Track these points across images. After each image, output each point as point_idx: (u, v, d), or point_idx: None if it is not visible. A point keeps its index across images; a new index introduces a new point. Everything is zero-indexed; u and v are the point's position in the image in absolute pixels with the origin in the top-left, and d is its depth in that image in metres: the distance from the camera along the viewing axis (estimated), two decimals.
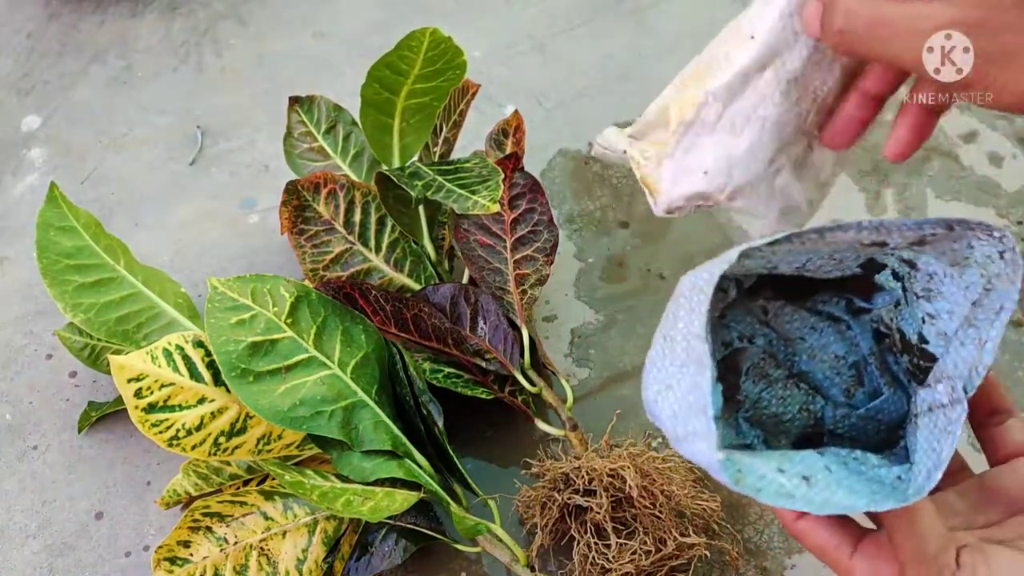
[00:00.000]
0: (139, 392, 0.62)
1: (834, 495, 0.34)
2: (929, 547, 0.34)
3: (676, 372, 0.36)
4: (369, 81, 0.73)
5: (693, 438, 0.34)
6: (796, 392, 0.45)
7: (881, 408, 0.43)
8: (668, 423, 0.36)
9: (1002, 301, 0.37)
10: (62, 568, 0.70)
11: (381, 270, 0.76)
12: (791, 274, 0.43)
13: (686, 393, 0.35)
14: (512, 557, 0.65)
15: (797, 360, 0.45)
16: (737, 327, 0.45)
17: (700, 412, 0.34)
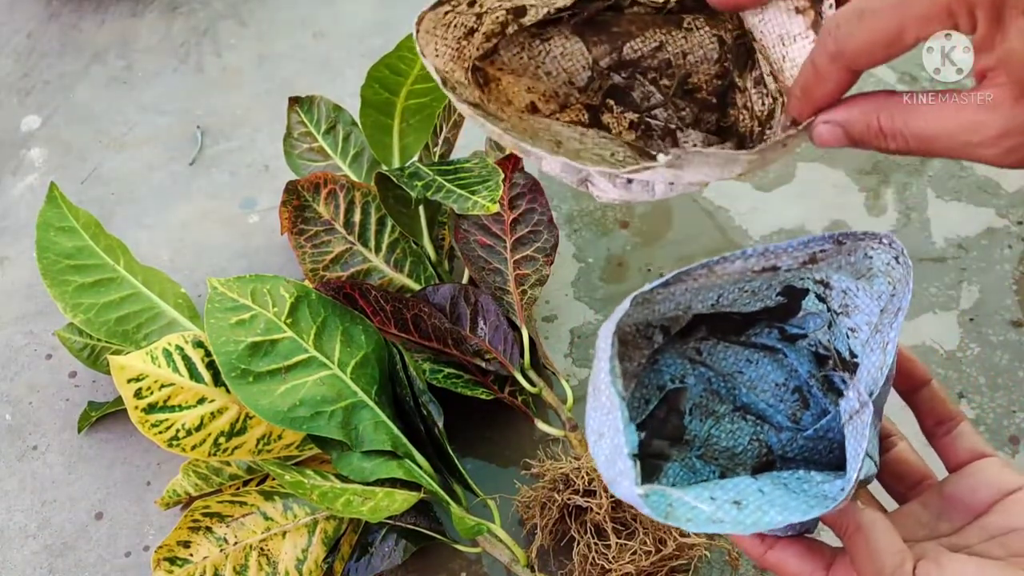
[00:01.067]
0: (139, 392, 0.62)
1: (765, 515, 0.35)
2: (885, 564, 0.35)
3: (603, 419, 0.37)
4: (369, 81, 0.73)
5: (620, 478, 0.35)
6: (744, 424, 0.46)
7: (829, 427, 0.44)
8: (603, 468, 0.37)
9: (900, 303, 0.38)
10: (62, 568, 0.70)
11: (381, 270, 0.76)
12: (708, 312, 0.44)
13: (612, 437, 0.36)
14: (512, 557, 0.65)
15: (738, 393, 0.46)
16: (668, 370, 0.46)
17: (619, 453, 0.35)
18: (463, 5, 0.41)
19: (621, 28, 0.44)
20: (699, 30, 0.44)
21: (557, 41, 0.44)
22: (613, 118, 0.45)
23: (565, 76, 0.45)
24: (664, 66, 0.44)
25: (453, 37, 0.42)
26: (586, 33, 0.44)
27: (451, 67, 0.43)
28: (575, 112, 0.45)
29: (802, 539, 0.39)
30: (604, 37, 0.44)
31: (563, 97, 0.45)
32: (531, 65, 0.45)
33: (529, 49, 0.44)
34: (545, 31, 0.44)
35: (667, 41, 0.44)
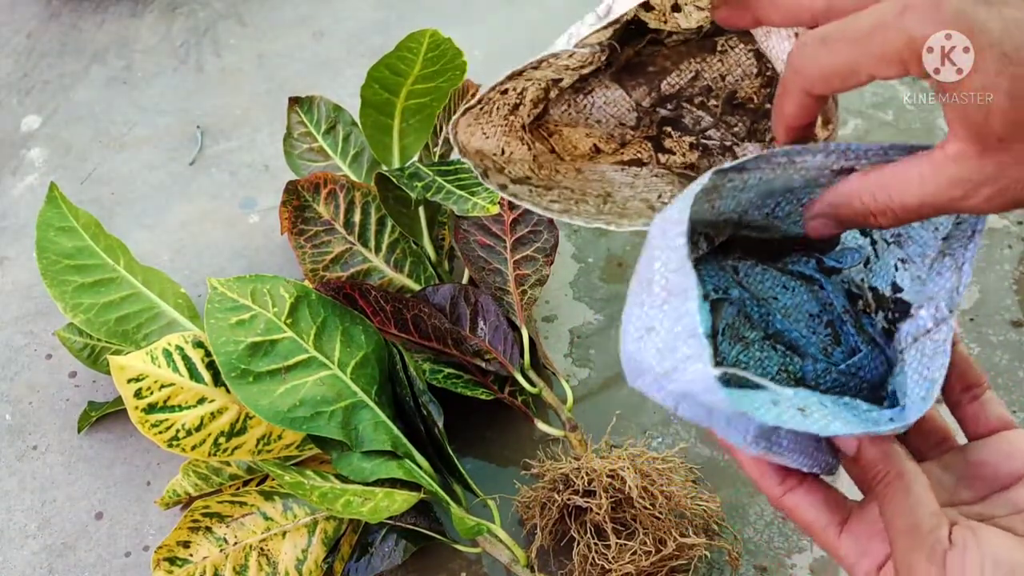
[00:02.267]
0: (139, 392, 0.62)
1: (831, 424, 0.33)
2: (923, 523, 0.33)
3: (657, 312, 0.35)
4: (369, 82, 0.73)
5: (684, 363, 0.33)
6: (773, 354, 0.44)
7: (861, 365, 0.43)
8: (653, 362, 0.35)
9: (974, 225, 0.36)
10: (62, 568, 0.70)
11: (381, 270, 0.76)
12: (761, 223, 0.43)
13: (672, 326, 0.34)
14: (512, 557, 0.65)
15: (772, 319, 0.44)
16: (711, 280, 0.45)
17: (689, 336, 0.33)
18: (495, 94, 0.43)
19: (656, 66, 0.45)
20: (733, 50, 0.44)
21: (598, 92, 0.46)
22: (675, 143, 0.47)
23: (614, 120, 0.47)
24: (706, 91, 0.46)
25: (499, 116, 0.44)
26: (623, 79, 0.46)
27: (505, 140, 0.45)
28: (636, 146, 0.48)
29: (820, 485, 0.37)
30: (641, 79, 0.46)
31: (619, 137, 0.47)
32: (580, 117, 0.46)
33: (574, 104, 0.46)
34: (586, 84, 0.46)
35: (703, 69, 0.45)
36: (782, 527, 0.69)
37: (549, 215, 0.44)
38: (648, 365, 0.35)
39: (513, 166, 0.45)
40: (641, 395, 0.80)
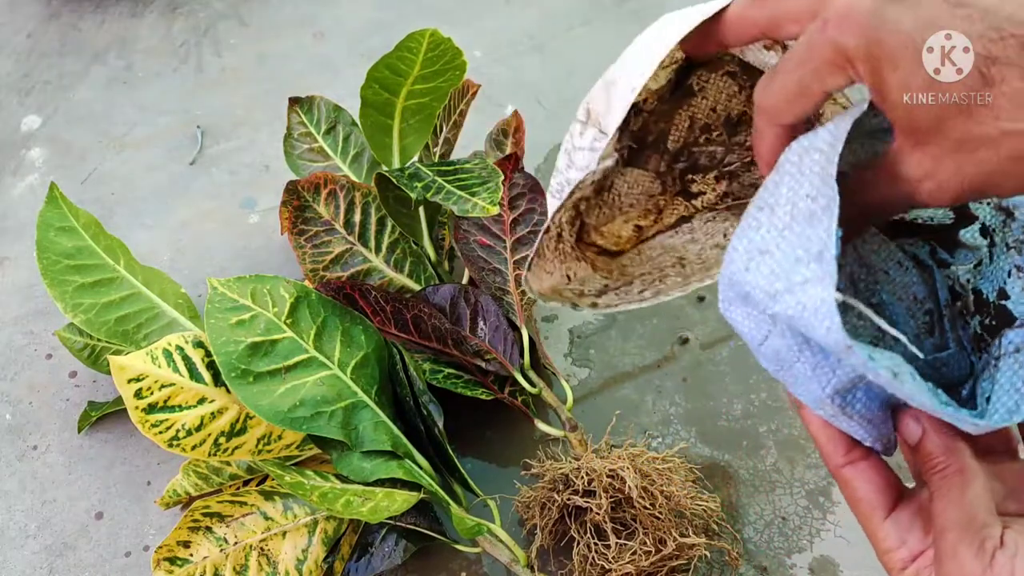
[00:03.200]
0: (139, 392, 0.62)
1: (919, 394, 0.33)
2: (976, 519, 0.32)
3: (775, 236, 0.34)
4: (368, 82, 0.73)
5: (801, 286, 0.32)
6: (869, 324, 0.43)
7: (947, 362, 0.42)
8: (763, 283, 0.34)
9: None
10: (62, 568, 0.70)
11: (381, 271, 0.76)
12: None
13: (791, 250, 0.33)
14: (512, 557, 0.65)
15: (878, 290, 0.43)
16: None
17: (812, 260, 0.32)
18: (551, 239, 0.45)
19: (653, 133, 0.46)
20: (708, 83, 0.45)
21: (618, 182, 0.47)
22: (701, 184, 0.48)
23: (643, 197, 0.48)
24: (706, 129, 0.47)
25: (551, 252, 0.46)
26: (633, 160, 0.47)
27: (566, 267, 0.47)
28: (672, 207, 0.48)
29: (883, 466, 0.37)
30: (647, 152, 0.47)
31: (654, 207, 0.48)
32: (613, 211, 0.48)
33: (603, 204, 0.48)
34: (604, 181, 0.47)
35: (694, 113, 0.46)
36: (782, 527, 0.70)
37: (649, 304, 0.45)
38: (755, 286, 0.34)
39: (587, 284, 0.46)
40: (641, 395, 0.80)
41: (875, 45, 0.30)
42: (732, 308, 0.37)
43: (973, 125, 0.29)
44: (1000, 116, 0.29)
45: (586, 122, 0.43)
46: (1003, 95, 0.29)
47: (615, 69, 0.41)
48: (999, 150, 0.29)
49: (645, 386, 0.78)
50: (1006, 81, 0.28)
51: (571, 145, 0.43)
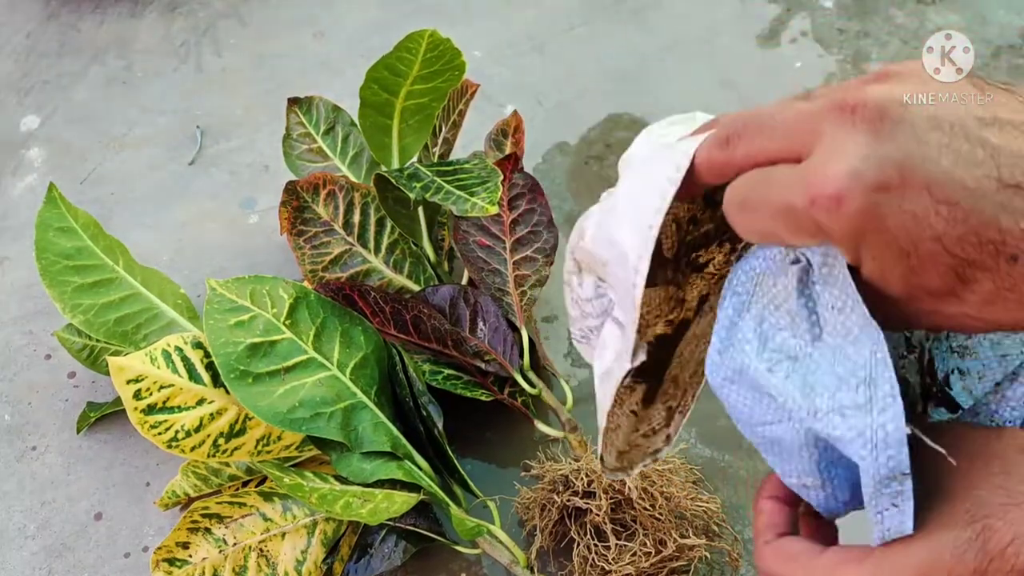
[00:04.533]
0: (138, 393, 0.62)
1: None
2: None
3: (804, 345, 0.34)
4: (368, 82, 0.73)
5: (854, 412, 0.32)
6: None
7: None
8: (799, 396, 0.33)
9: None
10: (61, 569, 0.70)
11: (380, 271, 0.76)
12: None
13: (830, 364, 0.33)
14: (512, 559, 0.65)
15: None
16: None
17: (862, 383, 0.32)
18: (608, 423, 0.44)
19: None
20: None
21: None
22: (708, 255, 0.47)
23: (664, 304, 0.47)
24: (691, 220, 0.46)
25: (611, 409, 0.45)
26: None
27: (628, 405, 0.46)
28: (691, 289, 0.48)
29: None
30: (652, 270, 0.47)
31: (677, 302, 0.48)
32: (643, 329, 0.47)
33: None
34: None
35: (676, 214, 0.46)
36: None
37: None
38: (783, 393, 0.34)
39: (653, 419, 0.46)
40: None
41: (859, 236, 0.29)
42: (731, 387, 0.36)
43: (940, 305, 0.30)
44: (968, 306, 0.30)
45: (579, 271, 0.42)
46: (974, 292, 0.29)
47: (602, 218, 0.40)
48: (957, 322, 0.31)
49: None
50: (979, 282, 0.29)
51: (575, 296, 0.43)
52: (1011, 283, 0.29)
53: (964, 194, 0.28)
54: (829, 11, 1.07)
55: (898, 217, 0.29)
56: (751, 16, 1.08)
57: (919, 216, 0.28)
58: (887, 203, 0.29)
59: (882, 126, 0.29)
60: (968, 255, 0.29)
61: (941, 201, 0.28)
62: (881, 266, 0.30)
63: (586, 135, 0.98)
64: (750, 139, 0.32)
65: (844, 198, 0.29)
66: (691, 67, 1.03)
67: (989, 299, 0.29)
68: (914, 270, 0.29)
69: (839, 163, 0.29)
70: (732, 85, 1.01)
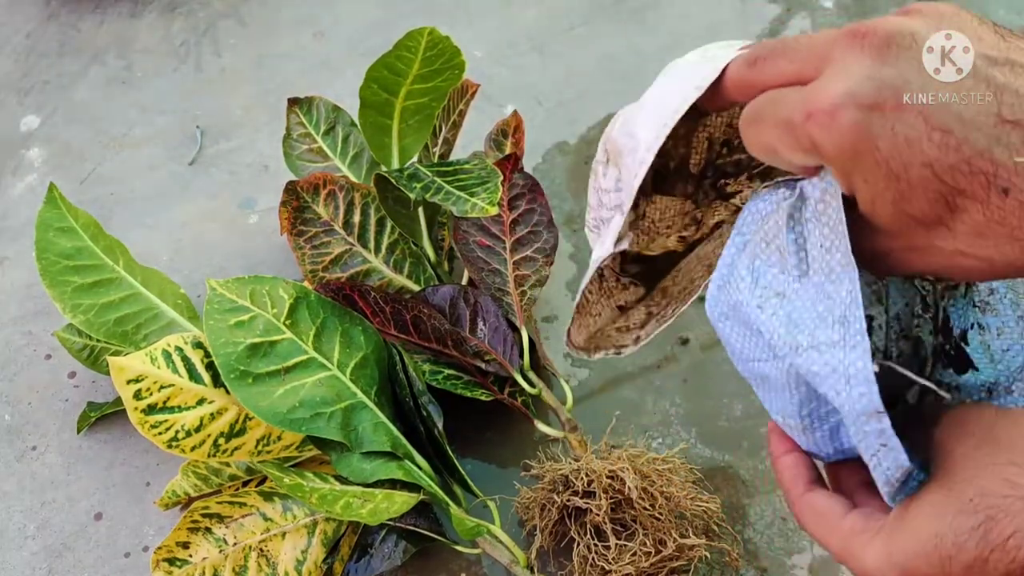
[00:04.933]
0: (138, 393, 0.62)
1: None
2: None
3: (791, 281, 0.35)
4: (367, 82, 0.73)
5: (830, 348, 0.33)
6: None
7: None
8: (783, 331, 0.34)
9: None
10: (61, 569, 0.70)
11: (380, 271, 0.76)
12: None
13: (812, 302, 0.34)
14: (512, 558, 0.65)
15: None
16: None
17: (838, 321, 0.33)
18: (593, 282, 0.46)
19: (675, 159, 0.46)
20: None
21: (650, 210, 0.47)
22: (736, 186, 0.48)
23: (679, 217, 0.48)
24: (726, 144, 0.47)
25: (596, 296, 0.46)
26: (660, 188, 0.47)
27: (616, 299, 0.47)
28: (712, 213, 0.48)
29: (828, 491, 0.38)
30: (672, 179, 0.47)
31: (692, 221, 0.48)
32: (652, 235, 0.48)
33: (640, 231, 0.48)
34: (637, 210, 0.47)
35: (711, 132, 0.47)
36: (782, 528, 0.69)
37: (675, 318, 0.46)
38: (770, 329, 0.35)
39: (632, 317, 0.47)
40: (641, 396, 0.80)
41: (850, 156, 0.30)
42: (726, 323, 0.37)
43: (932, 238, 0.31)
44: (957, 240, 0.30)
45: (607, 162, 0.43)
46: (963, 223, 0.30)
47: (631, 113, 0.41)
48: (950, 260, 0.31)
49: (645, 387, 0.78)
50: (968, 212, 0.29)
51: (597, 185, 0.43)
52: (1001, 215, 0.29)
53: (959, 124, 0.29)
54: (829, 11, 1.07)
55: (890, 138, 0.29)
56: (751, 16, 1.08)
57: (911, 140, 0.29)
58: (880, 123, 0.29)
59: (888, 52, 0.30)
60: (958, 184, 0.29)
61: (935, 128, 0.29)
62: (872, 190, 0.30)
63: (586, 135, 0.98)
64: (774, 60, 0.34)
65: (837, 113, 0.30)
66: None
67: (979, 231, 0.30)
68: (904, 195, 0.30)
69: (839, 82, 0.30)
70: None
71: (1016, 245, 0.29)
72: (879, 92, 0.29)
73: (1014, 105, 0.29)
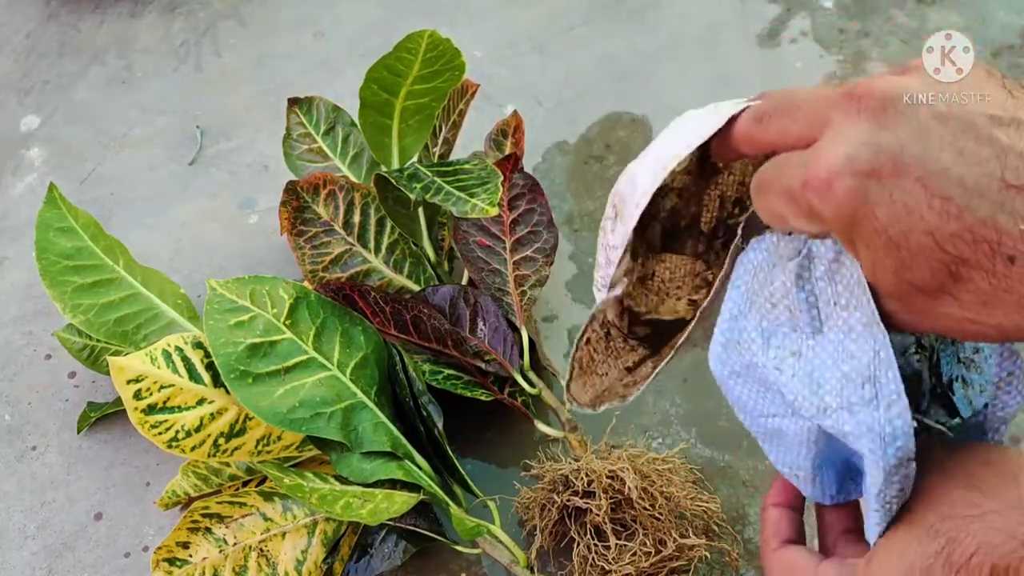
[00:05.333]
0: (138, 393, 0.62)
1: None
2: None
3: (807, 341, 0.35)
4: (367, 82, 0.73)
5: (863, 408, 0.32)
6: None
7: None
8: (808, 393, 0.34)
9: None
10: (61, 569, 0.70)
11: (380, 271, 0.76)
12: None
13: (836, 361, 0.33)
14: (512, 559, 0.65)
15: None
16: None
17: (867, 381, 0.32)
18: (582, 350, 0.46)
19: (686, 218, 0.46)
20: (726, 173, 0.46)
21: (659, 269, 0.47)
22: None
23: (689, 277, 0.48)
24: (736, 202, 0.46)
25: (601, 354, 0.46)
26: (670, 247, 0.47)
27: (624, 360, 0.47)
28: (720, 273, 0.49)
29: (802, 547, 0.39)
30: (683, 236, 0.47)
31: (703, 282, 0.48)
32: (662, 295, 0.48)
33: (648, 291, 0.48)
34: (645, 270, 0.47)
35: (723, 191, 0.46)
36: None
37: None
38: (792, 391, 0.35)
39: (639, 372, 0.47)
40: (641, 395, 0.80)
41: (849, 223, 0.30)
42: (737, 380, 0.37)
43: (937, 306, 0.30)
44: (964, 308, 0.29)
45: (614, 218, 0.43)
46: (969, 292, 0.29)
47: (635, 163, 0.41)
48: (959, 325, 0.30)
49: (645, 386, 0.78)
50: (973, 281, 0.29)
51: (605, 242, 0.43)
52: (1008, 284, 0.28)
53: (960, 191, 0.28)
54: (829, 11, 1.07)
55: (888, 206, 0.29)
56: (751, 16, 1.08)
57: (910, 207, 0.28)
58: (877, 190, 0.29)
59: (884, 116, 0.29)
60: (961, 252, 0.28)
61: (935, 195, 0.28)
62: (872, 257, 0.30)
63: (586, 135, 0.98)
64: (779, 119, 0.33)
65: (833, 182, 0.29)
66: (691, 67, 1.03)
67: (986, 300, 0.29)
68: (905, 263, 0.29)
69: (836, 149, 0.29)
70: (732, 85, 1.01)
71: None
72: (876, 158, 0.29)
73: (1019, 168, 0.28)
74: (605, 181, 0.93)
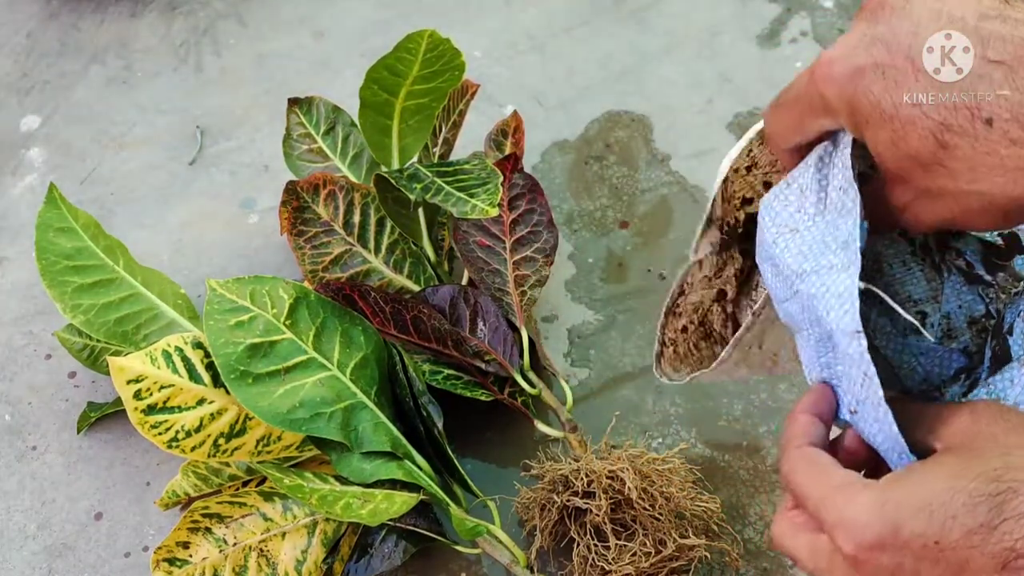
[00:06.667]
0: (138, 393, 0.62)
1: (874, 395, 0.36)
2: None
3: (806, 219, 0.38)
4: (367, 83, 0.73)
5: (828, 271, 0.35)
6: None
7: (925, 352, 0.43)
8: (792, 261, 0.37)
9: None
10: (61, 569, 0.70)
11: (380, 271, 0.76)
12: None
13: (821, 235, 0.37)
14: (512, 559, 0.65)
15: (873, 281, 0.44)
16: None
17: (840, 247, 0.35)
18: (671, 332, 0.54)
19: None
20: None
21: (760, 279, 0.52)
22: None
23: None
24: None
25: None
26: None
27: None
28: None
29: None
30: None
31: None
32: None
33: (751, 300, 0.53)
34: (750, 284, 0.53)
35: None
36: None
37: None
38: (782, 260, 0.38)
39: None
40: (641, 395, 0.80)
41: (851, 103, 0.33)
42: (763, 265, 0.40)
43: (933, 180, 0.33)
44: (956, 177, 0.33)
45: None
46: (956, 159, 0.32)
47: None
48: (959, 201, 0.33)
49: (645, 386, 0.78)
50: (959, 148, 0.32)
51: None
52: (989, 147, 0.31)
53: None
54: (829, 11, 1.07)
55: (881, 82, 0.33)
56: (751, 16, 1.08)
57: (899, 82, 0.32)
58: (872, 70, 0.33)
59: (881, 12, 0.34)
60: (944, 118, 0.32)
61: (921, 69, 0.32)
62: (873, 135, 0.33)
63: (586, 135, 0.98)
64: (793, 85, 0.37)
65: (834, 65, 0.34)
66: (691, 67, 1.03)
67: (971, 165, 0.32)
68: (898, 134, 0.33)
69: (838, 45, 0.34)
70: (732, 85, 1.01)
71: (1008, 176, 0.31)
72: (872, 44, 0.33)
73: (999, 48, 0.31)
74: (605, 181, 0.93)
